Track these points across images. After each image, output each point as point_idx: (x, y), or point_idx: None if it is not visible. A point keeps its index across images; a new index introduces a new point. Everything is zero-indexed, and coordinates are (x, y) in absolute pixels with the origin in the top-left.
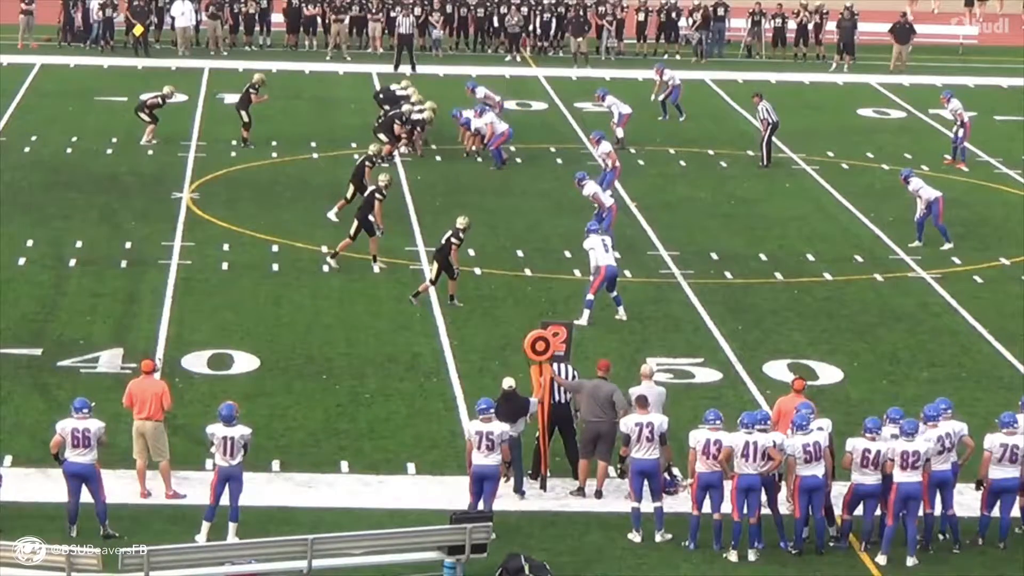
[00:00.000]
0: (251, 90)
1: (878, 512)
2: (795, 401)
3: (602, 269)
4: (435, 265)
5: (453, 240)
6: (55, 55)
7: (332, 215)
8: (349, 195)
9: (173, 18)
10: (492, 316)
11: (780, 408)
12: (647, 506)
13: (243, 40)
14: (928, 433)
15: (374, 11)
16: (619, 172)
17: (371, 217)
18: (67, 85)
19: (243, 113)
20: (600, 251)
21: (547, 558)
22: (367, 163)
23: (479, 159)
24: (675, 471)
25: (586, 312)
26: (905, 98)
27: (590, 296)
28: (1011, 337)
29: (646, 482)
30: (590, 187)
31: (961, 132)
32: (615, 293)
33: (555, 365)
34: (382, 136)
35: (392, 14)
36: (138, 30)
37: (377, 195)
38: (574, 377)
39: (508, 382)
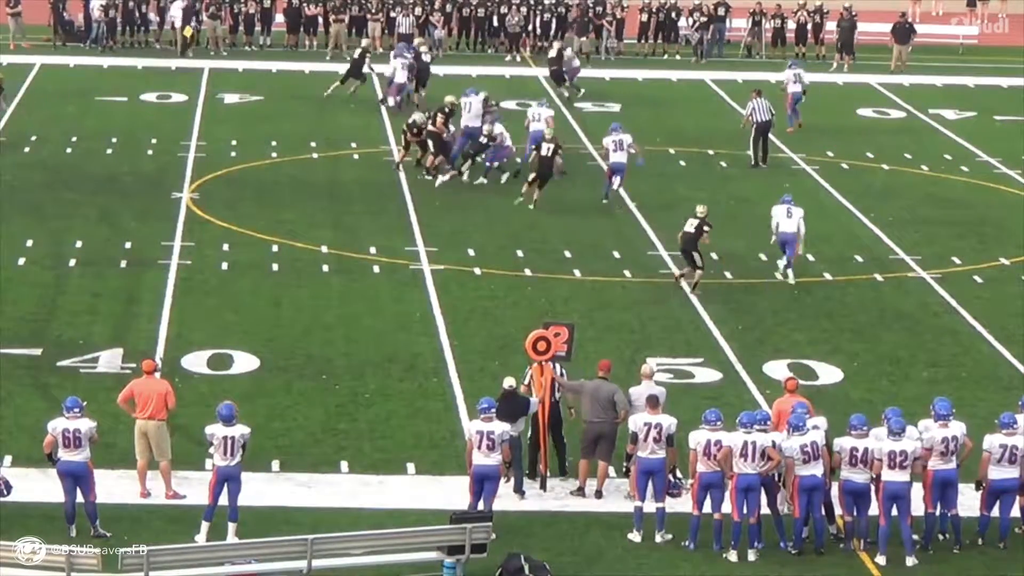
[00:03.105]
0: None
1: (874, 512)
2: (790, 401)
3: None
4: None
5: (705, 228)
6: (55, 55)
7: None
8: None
9: (174, 18)
10: (492, 316)
11: (778, 409)
12: (649, 506)
13: (243, 40)
14: (935, 432)
15: (374, 11)
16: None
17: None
18: (67, 85)
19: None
20: (783, 218)
21: (547, 558)
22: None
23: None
24: (678, 473)
25: (789, 272)
26: (905, 98)
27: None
28: (1011, 337)
29: (649, 482)
30: None
31: (790, 99)
32: (789, 257)
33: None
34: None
35: (392, 14)
36: (187, 31)
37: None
38: (562, 376)
39: (508, 382)
